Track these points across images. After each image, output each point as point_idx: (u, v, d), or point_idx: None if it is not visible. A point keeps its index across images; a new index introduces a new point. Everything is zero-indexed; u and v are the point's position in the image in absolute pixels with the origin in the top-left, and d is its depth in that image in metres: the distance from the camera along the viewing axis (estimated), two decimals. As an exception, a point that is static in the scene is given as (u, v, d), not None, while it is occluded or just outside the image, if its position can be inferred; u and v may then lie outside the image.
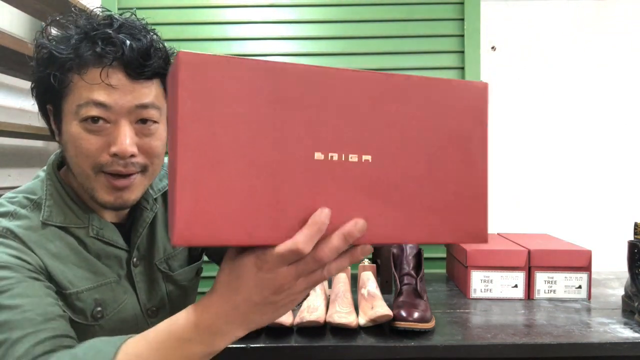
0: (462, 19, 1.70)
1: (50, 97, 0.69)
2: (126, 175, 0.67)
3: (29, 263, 0.65)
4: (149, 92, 0.68)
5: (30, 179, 0.76)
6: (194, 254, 0.90)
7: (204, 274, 0.94)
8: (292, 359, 0.95)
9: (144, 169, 0.69)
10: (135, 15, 0.72)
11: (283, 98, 0.39)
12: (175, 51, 0.73)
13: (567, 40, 1.77)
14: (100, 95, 0.64)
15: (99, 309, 0.71)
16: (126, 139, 0.65)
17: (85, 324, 0.70)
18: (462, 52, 1.71)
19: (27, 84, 0.77)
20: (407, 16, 1.72)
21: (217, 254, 0.93)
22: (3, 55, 1.26)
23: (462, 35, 1.71)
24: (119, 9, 1.68)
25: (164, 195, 0.85)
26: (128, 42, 0.65)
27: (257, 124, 0.38)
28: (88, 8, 0.74)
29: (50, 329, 0.58)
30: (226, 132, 0.37)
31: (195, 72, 0.37)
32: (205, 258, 0.94)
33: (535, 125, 1.78)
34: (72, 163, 0.69)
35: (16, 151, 1.52)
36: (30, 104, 0.81)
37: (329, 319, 0.99)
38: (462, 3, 1.70)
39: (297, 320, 1.00)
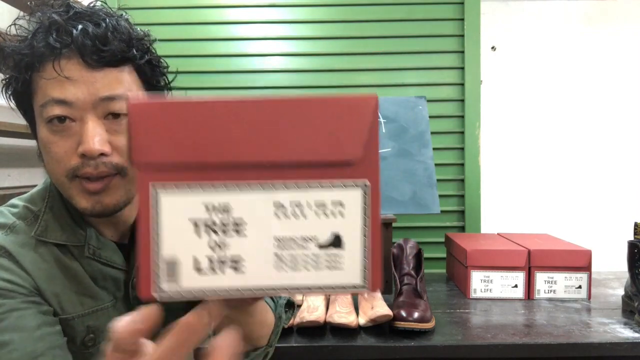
0: (462, 19, 1.70)
1: (22, 102, 0.64)
2: (99, 178, 0.60)
3: (21, 286, 0.61)
4: (117, 81, 0.60)
5: (30, 179, 0.73)
6: None
7: None
8: (292, 359, 0.95)
9: (121, 171, 0.61)
10: (106, 4, 0.66)
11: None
12: (154, 37, 0.67)
13: (567, 40, 1.77)
14: (59, 91, 0.58)
15: (91, 335, 0.66)
16: (93, 136, 0.58)
17: (75, 351, 0.65)
18: (462, 52, 1.71)
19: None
20: (407, 16, 1.72)
21: None
22: (3, 55, 1.26)
23: (462, 35, 1.71)
24: (118, 8, 1.67)
25: None
26: (80, 26, 0.58)
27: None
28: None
29: None
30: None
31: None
32: None
33: (535, 125, 1.78)
34: (48, 172, 0.63)
35: (16, 151, 1.52)
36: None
37: (329, 319, 0.99)
38: (462, 3, 1.70)
39: (297, 320, 1.00)
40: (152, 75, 0.66)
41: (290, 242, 0.37)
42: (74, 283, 0.65)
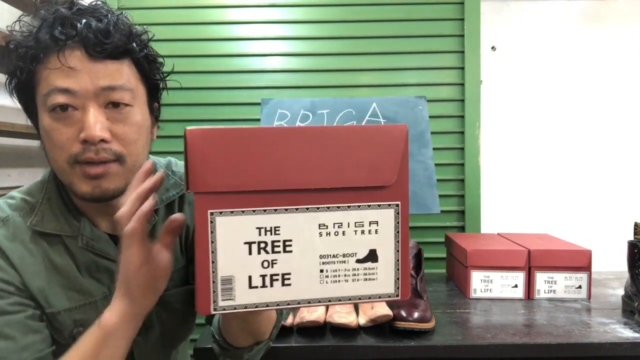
0: (462, 19, 1.70)
1: (25, 94, 0.66)
2: (99, 163, 0.63)
3: (10, 283, 0.63)
4: (117, 73, 0.64)
5: (30, 179, 0.74)
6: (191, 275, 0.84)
7: None
8: (292, 359, 0.95)
9: (120, 158, 0.64)
10: (106, 3, 0.69)
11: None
12: (152, 34, 0.71)
13: (567, 40, 1.77)
14: (62, 81, 0.61)
15: (80, 329, 0.67)
16: (94, 123, 0.61)
17: (64, 344, 0.66)
18: (462, 52, 1.71)
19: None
20: (407, 16, 1.72)
21: None
22: (3, 55, 1.26)
23: (462, 35, 1.70)
24: (118, 8, 1.67)
25: (169, 206, 0.79)
26: (84, 20, 0.62)
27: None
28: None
29: None
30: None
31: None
32: None
33: (535, 125, 1.78)
34: (49, 159, 0.66)
35: (16, 151, 1.52)
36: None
37: (329, 319, 0.99)
38: (462, 3, 1.70)
39: (297, 320, 1.00)
40: (150, 69, 0.70)
41: (333, 258, 0.42)
42: (62, 278, 0.67)
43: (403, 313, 0.98)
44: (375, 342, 0.95)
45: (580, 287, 1.22)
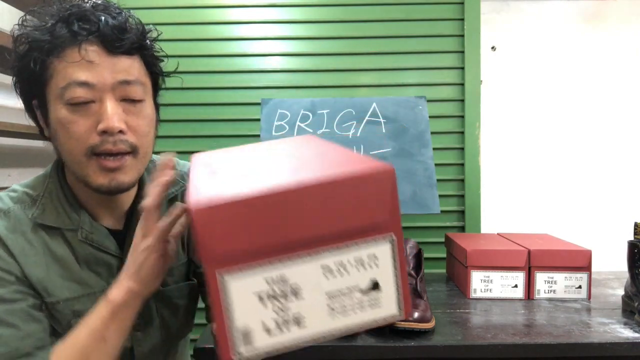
0: (462, 19, 1.70)
1: (34, 88, 0.67)
2: (117, 155, 0.66)
3: (11, 273, 0.64)
4: (131, 68, 0.67)
5: (30, 180, 0.75)
6: (192, 272, 0.86)
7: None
8: (292, 359, 0.95)
9: (134, 150, 0.67)
10: (109, 1, 0.71)
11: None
12: (159, 32, 0.74)
13: (567, 40, 1.77)
14: (82, 74, 0.63)
15: (78, 319, 0.68)
16: (113, 115, 0.64)
17: (61, 333, 0.67)
18: (462, 52, 1.71)
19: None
20: (407, 16, 1.72)
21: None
22: (3, 55, 1.26)
23: (462, 35, 1.70)
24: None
25: (171, 202, 0.81)
26: (103, 17, 0.65)
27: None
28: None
29: None
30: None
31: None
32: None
33: (535, 125, 1.79)
34: (63, 151, 0.67)
35: (16, 151, 1.52)
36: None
37: (329, 319, 0.99)
38: (462, 3, 1.70)
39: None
40: (154, 65, 0.74)
41: (339, 294, 0.45)
42: (61, 269, 0.68)
43: (403, 313, 0.98)
44: (375, 342, 0.95)
45: (580, 287, 1.22)
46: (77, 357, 0.60)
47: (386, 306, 0.46)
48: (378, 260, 0.45)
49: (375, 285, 0.46)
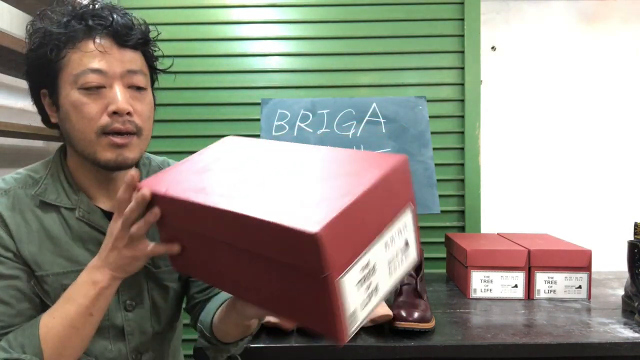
0: (462, 19, 1.70)
1: (46, 76, 0.74)
2: (125, 134, 0.74)
3: (7, 249, 0.72)
4: (137, 60, 0.76)
5: (35, 164, 0.81)
6: None
7: None
8: (292, 359, 0.95)
9: (139, 131, 0.76)
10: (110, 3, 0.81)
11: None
12: (159, 32, 0.83)
13: (567, 40, 1.77)
14: (95, 62, 0.72)
15: None
16: (123, 98, 0.73)
17: (50, 305, 0.72)
18: (462, 52, 1.71)
19: (27, 84, 0.79)
20: (407, 16, 1.72)
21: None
22: (3, 55, 1.26)
23: (462, 35, 1.71)
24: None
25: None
26: (114, 15, 0.75)
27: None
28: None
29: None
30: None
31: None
32: None
33: (535, 125, 1.79)
34: (74, 131, 0.74)
35: (16, 151, 1.52)
36: (30, 104, 0.82)
37: (329, 319, 0.99)
38: (462, 3, 1.70)
39: (297, 320, 1.00)
40: (152, 60, 0.82)
41: (393, 258, 0.59)
42: (52, 245, 0.75)
43: (403, 313, 0.98)
44: (375, 342, 0.95)
45: (580, 287, 1.22)
46: (66, 328, 0.68)
47: (411, 256, 0.62)
48: (406, 225, 0.60)
49: (407, 243, 0.61)
